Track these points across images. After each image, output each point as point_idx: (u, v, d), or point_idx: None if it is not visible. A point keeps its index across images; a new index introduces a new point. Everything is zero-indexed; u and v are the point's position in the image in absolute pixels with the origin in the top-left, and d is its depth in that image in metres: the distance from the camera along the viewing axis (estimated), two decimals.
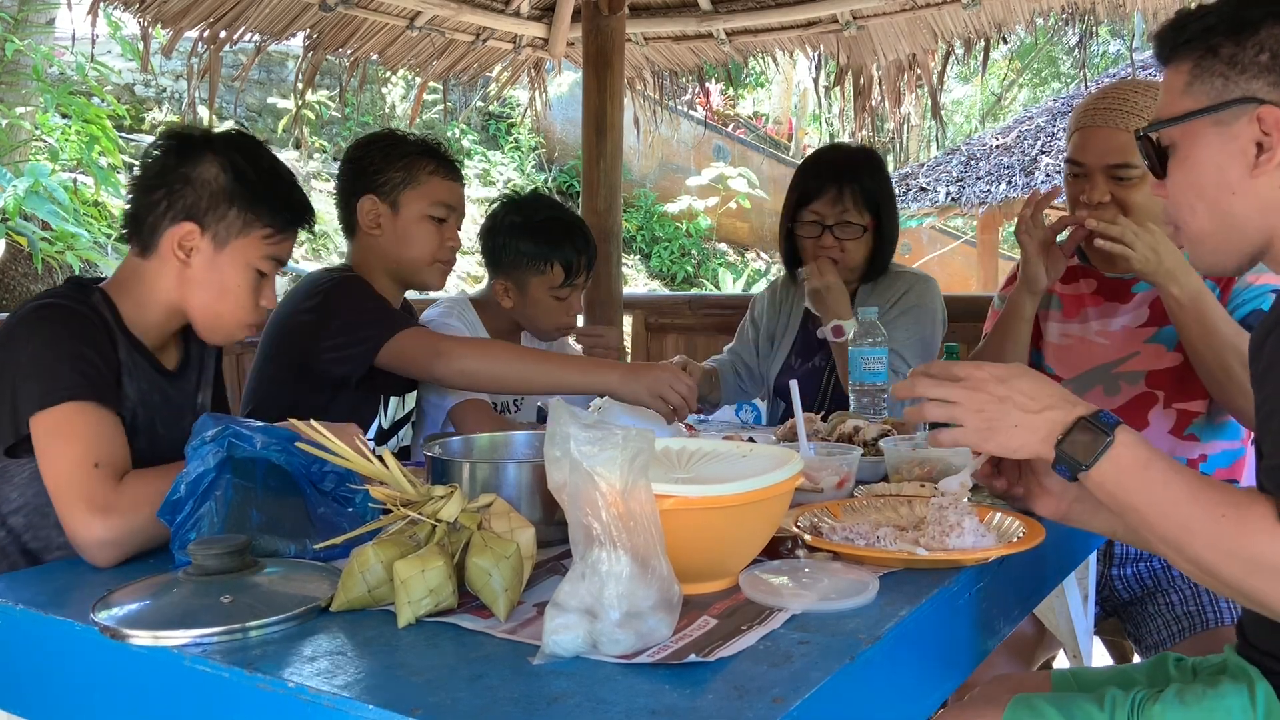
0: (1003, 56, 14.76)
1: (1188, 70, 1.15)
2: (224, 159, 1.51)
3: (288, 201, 1.57)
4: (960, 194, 9.05)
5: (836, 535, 1.25)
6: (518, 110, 12.37)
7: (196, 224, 1.49)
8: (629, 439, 0.94)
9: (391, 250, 2.07)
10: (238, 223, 1.51)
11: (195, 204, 1.49)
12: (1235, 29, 1.10)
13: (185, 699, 0.94)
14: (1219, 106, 1.11)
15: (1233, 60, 1.10)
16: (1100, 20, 3.74)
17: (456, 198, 2.11)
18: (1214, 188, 1.13)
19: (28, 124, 7.04)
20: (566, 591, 0.92)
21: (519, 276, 2.28)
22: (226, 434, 1.22)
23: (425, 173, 2.06)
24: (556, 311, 2.30)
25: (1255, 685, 1.13)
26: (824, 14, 3.98)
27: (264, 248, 1.54)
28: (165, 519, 1.20)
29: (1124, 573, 1.97)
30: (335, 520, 1.25)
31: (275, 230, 1.55)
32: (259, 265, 1.55)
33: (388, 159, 2.06)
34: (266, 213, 1.53)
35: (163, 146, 1.53)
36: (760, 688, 0.84)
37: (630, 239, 12.46)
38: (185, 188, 1.49)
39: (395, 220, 2.05)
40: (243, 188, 1.51)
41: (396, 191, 2.04)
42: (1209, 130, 1.13)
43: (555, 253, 2.25)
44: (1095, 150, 1.88)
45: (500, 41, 4.30)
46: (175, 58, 4.15)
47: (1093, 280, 2.05)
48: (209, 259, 1.51)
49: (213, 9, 3.57)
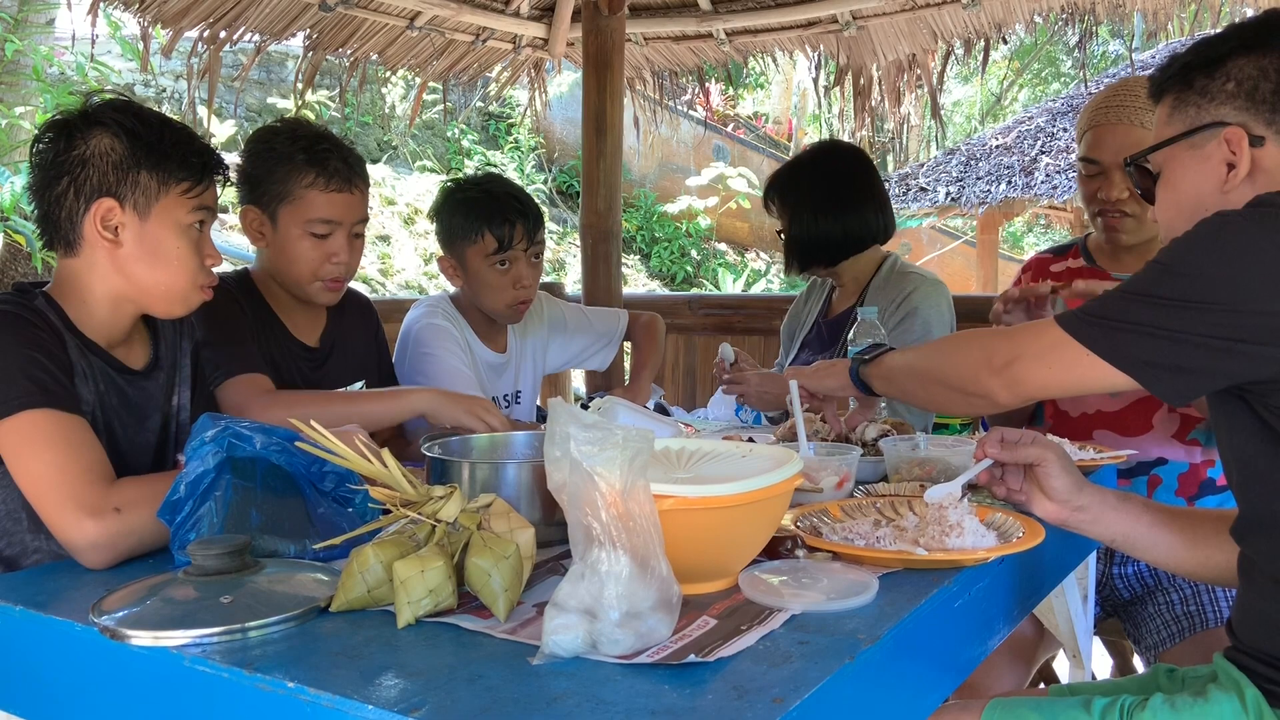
0: (1003, 56, 14.76)
1: (1170, 104, 1.29)
2: (113, 128, 1.42)
3: (193, 149, 1.48)
4: (960, 194, 9.03)
5: (836, 535, 1.25)
6: (518, 110, 12.38)
7: (113, 198, 1.41)
8: (629, 439, 0.94)
9: (276, 264, 1.96)
10: (153, 184, 1.43)
11: (104, 179, 1.41)
12: (1208, 63, 1.24)
13: (185, 699, 0.94)
14: (1192, 131, 1.25)
15: (1204, 90, 1.24)
16: (1100, 20, 3.74)
17: (341, 210, 1.92)
18: (1192, 205, 1.25)
19: (27, 124, 7.03)
20: (566, 592, 0.92)
21: (458, 251, 2.28)
22: (226, 434, 1.21)
23: (302, 186, 1.89)
24: (502, 286, 2.26)
25: (1245, 692, 1.14)
26: (824, 14, 3.98)
27: (188, 202, 1.46)
28: (165, 519, 1.20)
29: (1124, 571, 1.97)
30: (335, 520, 1.25)
31: (193, 181, 1.46)
32: (190, 220, 1.47)
33: (267, 167, 1.91)
34: (177, 166, 1.44)
35: (47, 138, 1.44)
36: (760, 688, 0.84)
37: (630, 239, 12.47)
38: (86, 168, 1.40)
39: (274, 234, 1.92)
40: (144, 148, 1.42)
41: (274, 204, 1.91)
42: (1185, 154, 1.26)
43: (485, 220, 2.22)
44: (1111, 146, 1.88)
45: (500, 41, 4.30)
46: (175, 58, 4.14)
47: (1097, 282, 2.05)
48: (137, 232, 1.43)
49: (213, 9, 3.57)
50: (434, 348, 2.24)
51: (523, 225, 2.25)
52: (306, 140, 1.91)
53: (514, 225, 2.23)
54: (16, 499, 1.33)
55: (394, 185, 10.85)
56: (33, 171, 1.45)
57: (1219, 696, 1.15)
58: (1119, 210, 1.91)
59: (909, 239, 12.64)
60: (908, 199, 9.31)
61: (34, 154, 1.44)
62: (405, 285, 9.80)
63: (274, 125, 1.99)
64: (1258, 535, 1.17)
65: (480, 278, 2.26)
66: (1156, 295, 1.12)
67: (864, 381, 1.58)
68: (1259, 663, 1.16)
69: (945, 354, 1.42)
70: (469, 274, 2.28)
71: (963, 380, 1.33)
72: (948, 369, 1.37)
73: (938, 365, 1.41)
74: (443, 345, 2.25)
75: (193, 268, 1.48)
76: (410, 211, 10.62)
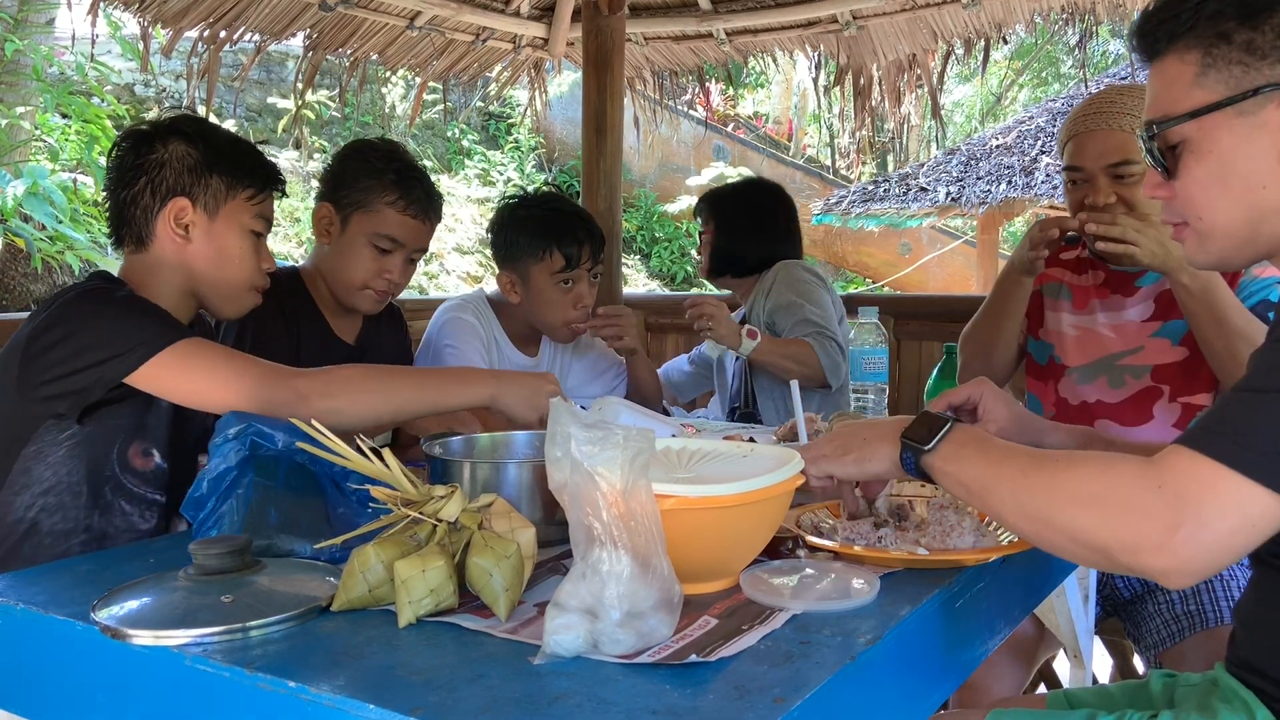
0: (1003, 56, 14.77)
1: (1196, 60, 1.07)
2: (190, 135, 1.58)
3: (259, 161, 1.64)
4: (960, 194, 9.05)
5: (837, 535, 1.25)
6: (518, 110, 12.38)
7: (187, 197, 1.56)
8: (630, 439, 0.94)
9: (332, 264, 2.05)
10: (222, 188, 1.58)
11: (179, 180, 1.56)
12: (1248, 13, 1.04)
13: (185, 699, 0.94)
14: (1241, 97, 1.04)
15: (1250, 46, 1.03)
16: (1100, 20, 3.74)
17: (409, 234, 2.03)
18: (1242, 181, 1.07)
19: (27, 124, 7.04)
20: (567, 591, 0.92)
21: (521, 267, 2.30)
22: (249, 432, 1.23)
23: (383, 201, 2.00)
24: (563, 304, 2.29)
25: (1255, 713, 1.10)
26: (824, 14, 3.98)
27: (251, 208, 1.62)
28: (188, 515, 1.21)
29: None
30: (354, 520, 1.25)
31: (257, 190, 1.62)
32: (252, 226, 1.62)
33: (355, 174, 2.02)
34: (246, 174, 1.61)
35: (125, 144, 1.59)
36: (761, 688, 0.84)
37: (630, 239, 12.47)
38: (163, 170, 1.56)
39: (340, 235, 2.03)
40: (216, 155, 1.58)
41: (349, 209, 2.01)
42: (1233, 122, 1.06)
43: (554, 238, 2.25)
44: (1093, 152, 1.89)
45: (500, 41, 4.30)
46: (175, 58, 4.14)
47: (1099, 273, 2.05)
48: (206, 230, 1.58)
49: (213, 9, 3.57)
50: (455, 340, 2.28)
51: (590, 246, 2.30)
52: (400, 164, 2.03)
53: (582, 245, 2.28)
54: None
55: None
56: (109, 174, 1.60)
57: (1228, 717, 1.11)
58: None
59: (909, 239, 12.64)
60: (908, 199, 9.32)
61: (112, 158, 1.60)
62: None
63: (373, 141, 2.11)
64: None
65: (543, 295, 2.29)
66: None
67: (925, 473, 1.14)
68: (1269, 681, 1.11)
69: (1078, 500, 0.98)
70: (531, 291, 2.31)
71: (1110, 546, 0.95)
72: (1084, 522, 0.97)
73: (1066, 509, 0.98)
74: (463, 339, 2.28)
75: (250, 268, 1.63)
76: None
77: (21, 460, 1.44)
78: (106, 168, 1.61)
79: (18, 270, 7.11)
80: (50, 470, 1.44)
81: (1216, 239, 1.12)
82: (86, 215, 7.03)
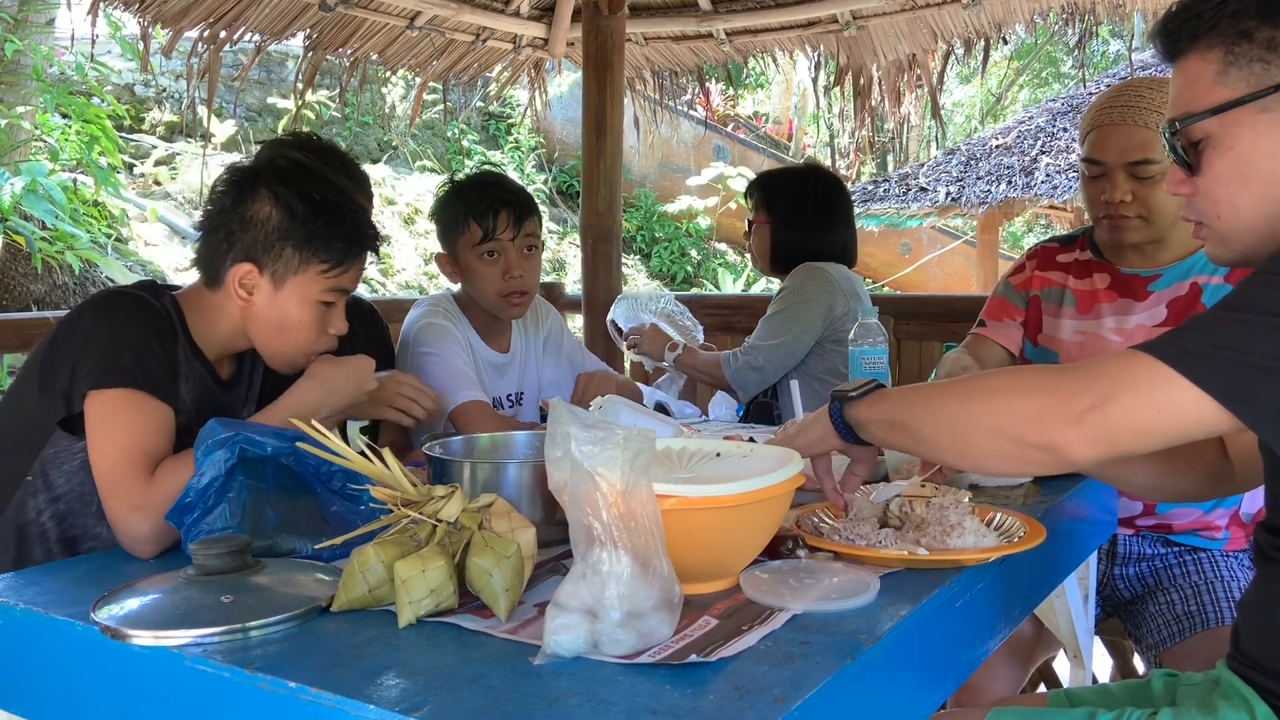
0: (1003, 56, 14.76)
1: (1218, 58, 1.08)
2: (276, 196, 1.52)
3: (342, 233, 1.56)
4: (960, 194, 9.03)
5: (837, 535, 1.25)
6: (518, 110, 12.37)
7: (254, 264, 1.52)
8: (630, 439, 0.94)
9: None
10: (294, 260, 1.53)
11: (252, 244, 1.52)
12: (1269, 11, 1.05)
13: (185, 699, 0.94)
14: (1264, 93, 1.05)
15: (1271, 43, 1.05)
16: (1100, 20, 3.74)
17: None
18: (1263, 177, 1.07)
19: (27, 124, 7.03)
20: (567, 591, 0.92)
21: (450, 246, 2.29)
22: (237, 440, 1.23)
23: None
24: (490, 276, 2.24)
25: (1256, 709, 1.10)
26: (824, 14, 3.98)
27: (323, 282, 1.55)
28: (173, 521, 1.21)
29: (1126, 572, 1.97)
30: (349, 518, 1.26)
31: (333, 263, 1.55)
32: (320, 299, 1.56)
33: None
34: (322, 248, 1.54)
35: (222, 186, 1.56)
36: (761, 688, 0.84)
37: (630, 239, 12.47)
38: (242, 229, 1.52)
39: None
40: (296, 225, 1.52)
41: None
42: (1254, 118, 1.07)
43: (469, 210, 2.23)
44: (1115, 147, 1.86)
45: (500, 41, 4.30)
46: (175, 58, 4.14)
47: (1107, 275, 2.00)
48: (269, 297, 1.54)
49: (213, 9, 3.57)
50: (435, 347, 2.22)
51: (508, 213, 2.22)
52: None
53: (498, 213, 2.22)
54: (91, 484, 1.40)
55: (394, 185, 10.84)
56: (205, 208, 1.58)
57: (1228, 714, 1.11)
58: (1123, 212, 1.90)
59: (909, 239, 12.63)
60: (908, 199, 9.31)
61: (211, 194, 1.58)
62: (405, 285, 9.80)
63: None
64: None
65: (471, 270, 2.26)
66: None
67: (849, 426, 1.23)
68: (1270, 677, 1.11)
69: (991, 392, 1.09)
70: (462, 268, 2.28)
71: (1020, 427, 1.04)
72: (995, 412, 1.07)
73: (978, 407, 1.09)
74: (444, 344, 2.23)
75: (307, 339, 1.58)
76: (410, 211, 10.61)
77: (40, 463, 1.46)
78: (205, 203, 1.59)
79: (18, 270, 7.11)
80: (64, 478, 1.45)
81: (1238, 236, 1.12)
82: (86, 215, 7.03)
